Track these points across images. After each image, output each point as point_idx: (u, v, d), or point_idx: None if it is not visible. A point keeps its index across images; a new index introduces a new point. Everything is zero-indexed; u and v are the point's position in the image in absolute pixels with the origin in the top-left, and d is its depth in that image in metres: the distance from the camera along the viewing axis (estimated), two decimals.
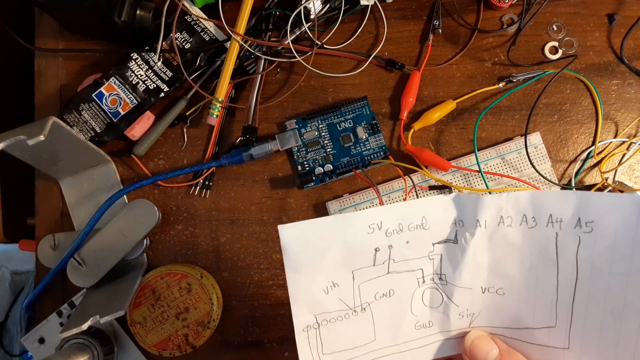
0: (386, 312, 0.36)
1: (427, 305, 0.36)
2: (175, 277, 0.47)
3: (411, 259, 0.35)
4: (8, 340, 0.64)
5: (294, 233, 0.33)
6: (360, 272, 0.35)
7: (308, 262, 0.34)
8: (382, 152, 0.50)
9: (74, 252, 0.47)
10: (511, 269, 0.35)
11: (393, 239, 0.35)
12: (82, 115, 0.48)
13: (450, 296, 0.36)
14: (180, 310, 0.46)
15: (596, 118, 0.51)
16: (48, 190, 0.51)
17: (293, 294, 0.34)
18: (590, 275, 0.33)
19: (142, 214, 0.47)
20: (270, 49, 0.50)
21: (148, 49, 0.49)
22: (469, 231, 0.35)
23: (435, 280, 0.36)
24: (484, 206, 0.34)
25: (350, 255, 0.34)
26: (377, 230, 0.34)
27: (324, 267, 0.34)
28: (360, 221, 0.34)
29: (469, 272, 0.35)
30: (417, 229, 0.35)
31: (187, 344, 0.46)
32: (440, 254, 0.36)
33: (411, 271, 0.36)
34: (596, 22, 0.51)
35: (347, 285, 0.35)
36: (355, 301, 0.35)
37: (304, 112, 0.51)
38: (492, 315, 0.36)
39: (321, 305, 0.35)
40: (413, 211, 0.34)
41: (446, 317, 0.37)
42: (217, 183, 0.51)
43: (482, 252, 0.35)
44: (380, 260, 0.35)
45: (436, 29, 0.51)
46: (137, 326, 0.46)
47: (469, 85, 0.51)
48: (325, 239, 0.34)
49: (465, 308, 0.36)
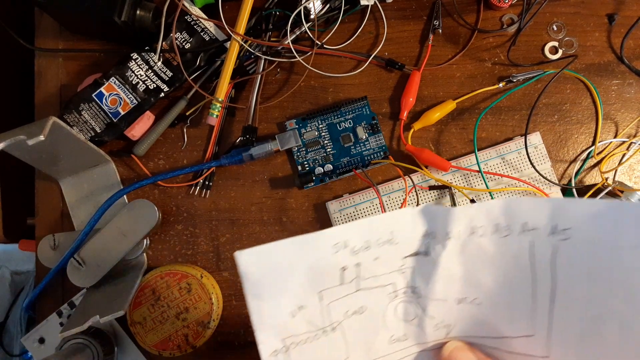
0: (358, 329, 0.35)
1: (402, 319, 0.35)
2: (175, 277, 0.47)
3: (381, 274, 0.34)
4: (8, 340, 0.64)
5: (253, 259, 0.31)
6: (328, 292, 0.33)
7: (270, 287, 0.32)
8: (382, 152, 0.50)
9: (74, 252, 0.47)
10: (486, 279, 0.34)
11: (360, 256, 0.33)
12: (82, 115, 0.48)
13: (424, 309, 0.35)
14: (180, 310, 0.46)
15: (596, 118, 0.51)
16: (48, 190, 0.51)
17: (257, 322, 0.32)
18: (568, 283, 0.32)
19: (142, 214, 0.47)
20: (270, 49, 0.50)
21: (148, 49, 0.49)
22: (440, 243, 0.33)
23: (409, 294, 0.35)
24: (454, 218, 0.33)
25: (315, 276, 0.33)
26: (342, 250, 0.32)
27: (288, 291, 0.32)
28: (323, 242, 0.32)
29: (443, 284, 0.34)
30: (385, 244, 0.33)
31: (187, 344, 0.46)
32: (411, 267, 0.34)
33: (382, 286, 0.34)
34: (596, 22, 0.51)
35: (315, 306, 0.33)
36: (325, 321, 0.34)
37: (304, 112, 0.51)
38: (470, 325, 0.35)
39: (288, 328, 0.33)
40: (380, 227, 0.33)
41: (421, 329, 0.35)
42: (217, 183, 0.51)
43: (454, 263, 0.34)
44: (348, 278, 0.33)
45: (436, 29, 0.51)
46: (137, 326, 0.46)
47: (469, 85, 0.51)
48: (287, 262, 0.32)
49: (441, 320, 0.35)
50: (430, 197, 0.49)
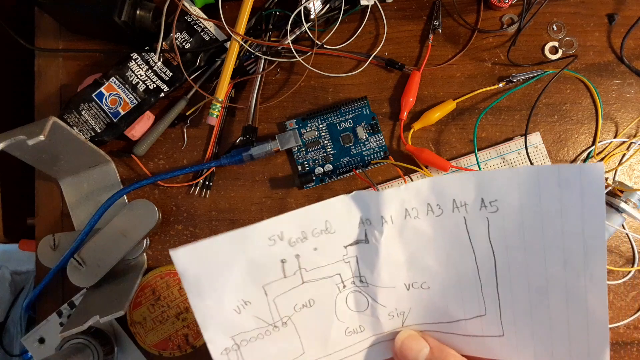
0: (310, 323, 0.34)
1: (354, 310, 0.35)
2: (175, 277, 0.47)
3: (324, 265, 0.33)
4: (8, 340, 0.64)
5: (189, 256, 0.31)
6: (271, 286, 0.33)
7: (210, 284, 0.31)
8: (382, 152, 0.50)
9: (74, 252, 0.47)
10: (429, 261, 0.33)
11: (298, 247, 0.32)
12: (82, 115, 0.48)
13: (375, 298, 0.34)
14: (180, 310, 0.46)
15: (596, 118, 0.51)
16: (48, 190, 0.51)
17: (202, 320, 0.32)
18: (507, 256, 0.32)
19: (142, 214, 0.47)
20: (270, 49, 0.50)
21: (148, 49, 0.49)
22: (377, 229, 0.33)
23: (357, 283, 0.34)
24: (385, 201, 0.32)
25: (256, 270, 0.32)
26: (279, 242, 0.32)
27: (229, 287, 0.32)
28: (258, 235, 0.32)
29: (388, 271, 0.34)
30: (322, 234, 0.33)
31: (187, 344, 0.46)
32: (355, 256, 0.34)
33: (328, 277, 0.34)
34: (596, 22, 0.51)
35: (261, 301, 0.33)
36: (274, 316, 0.33)
37: (304, 112, 0.51)
38: (422, 311, 0.35)
39: (236, 325, 0.32)
40: (314, 216, 0.33)
41: (376, 319, 0.35)
42: (217, 183, 0.51)
43: (395, 248, 0.33)
44: (291, 271, 0.33)
45: (436, 29, 0.51)
46: (137, 326, 0.46)
47: (469, 85, 0.51)
48: (224, 257, 0.31)
49: (393, 307, 0.35)
50: None
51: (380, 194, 0.32)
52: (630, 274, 0.49)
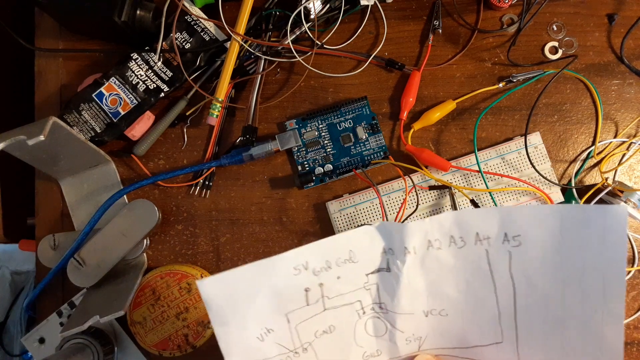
0: (330, 348, 0.35)
1: (372, 335, 0.36)
2: (175, 277, 0.47)
3: (346, 292, 0.34)
4: (8, 340, 0.64)
5: (215, 286, 0.31)
6: (294, 313, 0.34)
7: (235, 312, 0.32)
8: (382, 152, 0.50)
9: (74, 252, 0.47)
10: (449, 290, 0.34)
11: (322, 276, 0.33)
12: (82, 115, 0.48)
13: (393, 323, 0.35)
14: (180, 310, 0.46)
15: (596, 118, 0.51)
16: (48, 190, 0.51)
17: (225, 348, 0.32)
18: (526, 288, 0.33)
19: (142, 214, 0.47)
20: (270, 49, 0.50)
21: (148, 49, 0.49)
22: (399, 258, 0.34)
23: (376, 310, 0.35)
24: (409, 233, 0.33)
25: (280, 299, 0.33)
26: (303, 271, 0.33)
27: (253, 315, 0.33)
28: (283, 265, 0.32)
29: (408, 298, 0.35)
30: (345, 263, 0.34)
31: (187, 344, 0.46)
32: (376, 284, 0.35)
33: (349, 304, 0.35)
34: (596, 22, 0.51)
35: (283, 328, 0.34)
36: (295, 342, 0.34)
37: (304, 112, 0.51)
38: (439, 337, 0.36)
39: (259, 352, 0.33)
40: (338, 246, 0.33)
41: (393, 343, 0.36)
42: (217, 183, 0.51)
43: (416, 276, 0.34)
44: (314, 299, 0.34)
45: (436, 29, 0.51)
46: (137, 326, 0.46)
47: (469, 85, 0.51)
48: (250, 287, 0.32)
49: (411, 333, 0.36)
50: (430, 197, 0.49)
51: (405, 226, 0.33)
52: (630, 273, 0.49)
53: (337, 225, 0.49)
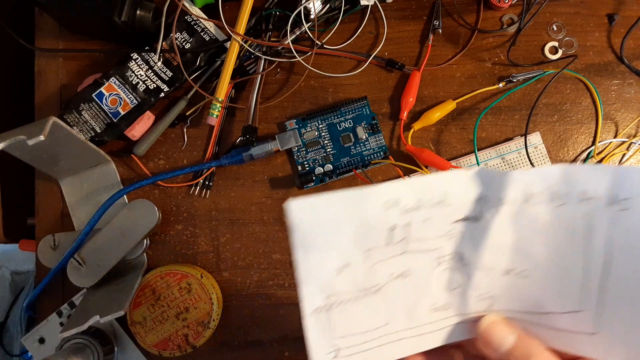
0: (401, 294, 0.34)
1: (445, 287, 0.34)
2: (175, 277, 0.47)
3: (429, 237, 0.33)
4: (8, 340, 0.64)
5: (305, 209, 0.30)
6: (373, 251, 0.32)
7: (318, 240, 0.31)
8: (382, 152, 0.50)
9: (74, 252, 0.47)
10: (537, 250, 0.32)
11: (410, 216, 0.32)
12: (82, 115, 0.48)
13: (469, 278, 0.34)
14: (180, 310, 0.46)
15: (596, 118, 0.51)
16: (48, 190, 0.51)
17: (302, 274, 0.31)
18: (625, 258, 0.30)
19: (142, 214, 0.47)
20: (270, 49, 0.50)
21: (148, 49, 0.49)
22: (492, 209, 0.32)
23: (454, 261, 0.34)
24: (510, 182, 0.31)
25: (363, 233, 0.31)
26: (393, 208, 0.31)
27: (335, 246, 0.31)
28: (376, 197, 0.31)
29: (491, 252, 0.33)
30: (437, 205, 0.32)
31: (187, 344, 0.46)
32: (460, 233, 0.33)
33: (429, 251, 0.33)
34: (596, 22, 0.51)
35: (360, 265, 0.32)
36: (369, 282, 0.33)
37: (304, 112, 0.51)
38: (513, 298, 0.34)
39: (332, 286, 0.32)
40: (434, 186, 0.32)
41: (464, 299, 0.34)
42: (217, 183, 0.51)
43: (505, 231, 0.32)
44: (396, 239, 0.32)
45: (436, 29, 0.51)
46: (137, 326, 0.46)
47: (469, 85, 0.51)
48: (338, 215, 0.31)
49: (485, 290, 0.34)
50: None
51: (507, 174, 0.31)
52: None
53: None
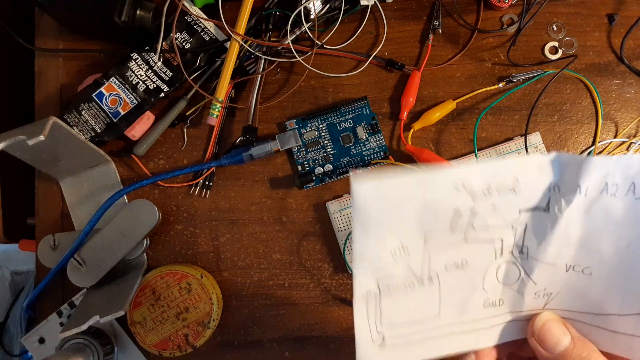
0: (455, 285, 0.32)
1: (501, 282, 0.32)
2: (175, 277, 0.47)
3: (492, 226, 0.31)
4: (8, 340, 0.64)
5: (370, 191, 0.29)
6: (434, 237, 0.31)
7: (380, 220, 0.30)
8: (382, 152, 0.50)
9: (74, 252, 0.47)
10: (605, 246, 0.30)
11: (478, 201, 0.30)
12: (82, 115, 0.48)
13: (529, 272, 0.32)
14: (180, 310, 0.46)
15: (596, 118, 0.51)
16: (48, 190, 0.51)
17: (358, 254, 0.30)
18: None
19: (142, 214, 0.47)
20: (270, 49, 0.50)
21: (148, 49, 0.49)
22: (565, 198, 0.30)
23: (515, 254, 0.32)
24: (589, 169, 0.29)
25: (427, 216, 0.30)
26: (461, 190, 0.30)
27: (396, 228, 0.30)
28: (444, 180, 0.30)
29: (556, 246, 0.31)
30: (506, 192, 0.30)
31: (187, 344, 0.46)
32: (525, 224, 0.31)
33: (490, 241, 0.31)
34: (596, 22, 0.51)
35: (418, 250, 0.31)
36: (424, 269, 0.31)
37: (304, 112, 0.51)
38: (572, 297, 0.32)
39: (386, 269, 0.31)
40: (505, 171, 0.30)
41: (520, 295, 0.33)
42: (217, 183, 0.51)
43: (575, 223, 0.30)
44: (459, 225, 0.31)
45: (436, 29, 0.51)
46: (137, 326, 0.46)
47: (469, 85, 0.51)
48: (404, 196, 0.30)
49: (543, 287, 0.32)
50: None
51: (586, 159, 0.29)
52: None
53: (337, 225, 0.49)
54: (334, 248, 0.50)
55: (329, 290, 0.50)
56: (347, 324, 0.49)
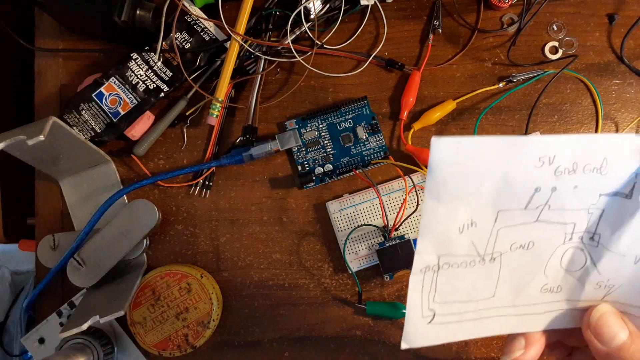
0: (516, 267, 0.31)
1: (563, 268, 0.31)
2: (175, 277, 0.47)
3: (569, 209, 0.29)
4: (8, 340, 0.64)
5: (450, 150, 0.27)
6: (506, 213, 0.29)
7: (455, 188, 0.28)
8: (382, 152, 0.50)
9: (74, 252, 0.47)
10: None
11: (561, 180, 0.28)
12: (82, 115, 0.48)
13: (596, 261, 0.30)
14: (180, 310, 0.46)
15: (596, 118, 0.51)
16: (48, 190, 0.51)
17: (425, 226, 0.29)
18: None
19: (142, 214, 0.47)
20: (270, 49, 0.50)
21: (148, 49, 0.49)
22: None
23: (585, 240, 0.30)
24: None
25: (504, 189, 0.28)
26: (546, 166, 0.28)
27: (470, 199, 0.28)
28: (531, 150, 0.28)
29: (631, 236, 0.29)
30: (592, 172, 0.28)
31: (187, 344, 0.46)
32: (602, 209, 0.29)
33: (562, 224, 0.30)
34: (596, 22, 0.51)
35: (486, 227, 0.29)
36: (488, 248, 0.30)
37: (304, 112, 0.51)
38: (635, 291, 0.31)
39: (450, 245, 0.30)
40: (594, 149, 0.28)
41: (580, 284, 0.31)
42: (217, 183, 0.51)
43: None
44: (535, 204, 0.29)
45: (436, 29, 0.51)
46: (137, 326, 0.46)
47: (469, 85, 0.51)
48: (485, 163, 0.28)
49: (607, 277, 0.31)
50: None
51: None
52: None
53: (337, 225, 0.49)
54: (334, 248, 0.50)
55: (329, 290, 0.50)
56: (347, 324, 0.49)
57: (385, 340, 0.49)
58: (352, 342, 0.49)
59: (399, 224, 0.48)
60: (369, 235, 0.49)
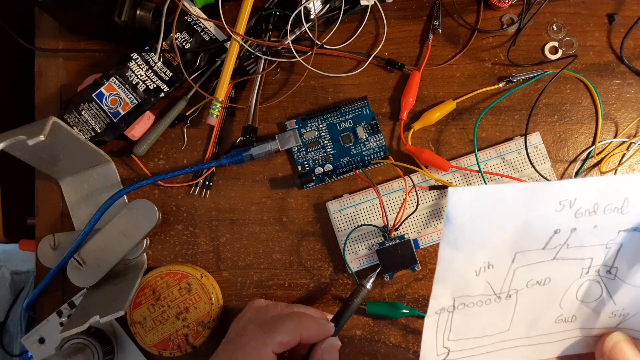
0: (532, 302, 0.31)
1: (579, 299, 0.31)
2: (175, 277, 0.47)
3: (588, 245, 0.29)
4: (8, 340, 0.64)
5: (468, 199, 0.27)
6: (524, 254, 0.29)
7: (473, 236, 0.28)
8: (382, 152, 0.50)
9: (74, 252, 0.47)
10: None
11: (581, 221, 0.28)
12: (82, 115, 0.48)
13: (612, 293, 0.31)
14: (180, 310, 0.46)
15: (596, 118, 0.51)
16: (48, 190, 0.51)
17: (441, 272, 0.29)
18: None
19: (142, 214, 0.47)
20: (270, 49, 0.50)
21: (148, 49, 0.49)
22: None
23: (601, 273, 0.31)
24: None
25: (524, 234, 0.28)
26: (567, 209, 0.28)
27: (488, 244, 0.28)
28: (551, 195, 0.28)
29: None
30: (613, 212, 0.28)
31: (187, 344, 0.46)
32: (619, 244, 0.30)
33: (579, 259, 0.30)
34: (596, 22, 0.51)
35: (503, 268, 0.30)
36: (504, 287, 0.30)
37: (304, 112, 0.51)
38: None
39: (466, 287, 0.30)
40: (616, 190, 0.28)
41: (595, 314, 0.32)
42: (217, 183, 0.51)
43: None
44: (554, 244, 0.29)
45: (436, 29, 0.51)
46: (137, 326, 0.46)
47: (469, 85, 0.51)
48: (505, 211, 0.27)
49: (622, 307, 0.31)
50: (430, 197, 0.49)
51: None
52: None
53: (337, 226, 0.49)
54: (334, 248, 0.50)
55: (329, 290, 0.50)
56: (347, 324, 0.49)
57: (385, 340, 0.49)
58: (352, 342, 0.49)
59: (399, 224, 0.48)
60: (369, 235, 0.49)
